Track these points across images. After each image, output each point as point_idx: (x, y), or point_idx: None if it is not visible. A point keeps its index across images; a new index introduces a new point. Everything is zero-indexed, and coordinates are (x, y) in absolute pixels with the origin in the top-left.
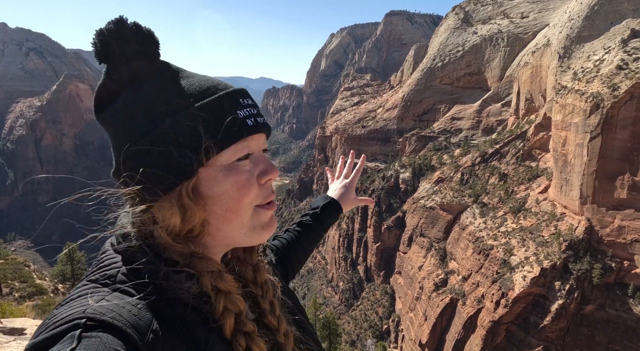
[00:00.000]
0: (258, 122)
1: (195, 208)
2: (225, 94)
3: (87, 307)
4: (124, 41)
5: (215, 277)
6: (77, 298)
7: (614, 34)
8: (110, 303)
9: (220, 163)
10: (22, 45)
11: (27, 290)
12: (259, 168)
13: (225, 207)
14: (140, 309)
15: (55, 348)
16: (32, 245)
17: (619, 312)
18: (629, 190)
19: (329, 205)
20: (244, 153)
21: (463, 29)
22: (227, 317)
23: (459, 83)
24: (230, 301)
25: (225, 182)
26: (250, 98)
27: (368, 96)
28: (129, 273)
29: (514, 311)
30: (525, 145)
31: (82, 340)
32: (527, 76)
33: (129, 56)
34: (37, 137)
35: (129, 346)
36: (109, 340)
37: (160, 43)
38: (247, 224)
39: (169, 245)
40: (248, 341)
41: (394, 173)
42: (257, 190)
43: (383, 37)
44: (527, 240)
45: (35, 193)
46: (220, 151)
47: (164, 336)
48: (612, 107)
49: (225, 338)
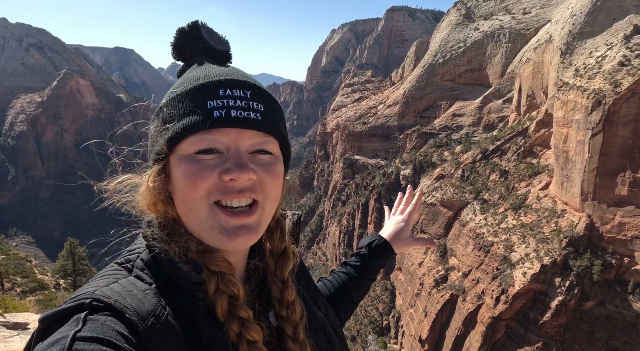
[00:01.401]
0: (230, 116)
1: (149, 191)
2: (205, 83)
3: (97, 289)
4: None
5: (206, 257)
6: (99, 278)
7: (616, 30)
8: (120, 287)
9: (181, 153)
10: (22, 40)
11: (29, 286)
12: (224, 166)
13: (178, 197)
14: (146, 294)
15: (62, 329)
16: (33, 241)
17: (618, 309)
18: (630, 187)
19: (377, 245)
20: (202, 147)
21: (465, 24)
22: (219, 299)
23: (460, 79)
24: (224, 283)
25: (177, 171)
26: (246, 89)
27: (369, 92)
28: (148, 259)
29: (514, 308)
30: (526, 141)
31: (87, 323)
32: (528, 72)
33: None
34: (38, 132)
35: (130, 328)
36: (111, 322)
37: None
38: (204, 222)
39: (161, 227)
40: (241, 327)
41: (394, 169)
42: (211, 185)
43: (384, 33)
44: (527, 237)
45: (37, 189)
46: (181, 140)
47: (166, 322)
48: (613, 104)
49: (221, 324)
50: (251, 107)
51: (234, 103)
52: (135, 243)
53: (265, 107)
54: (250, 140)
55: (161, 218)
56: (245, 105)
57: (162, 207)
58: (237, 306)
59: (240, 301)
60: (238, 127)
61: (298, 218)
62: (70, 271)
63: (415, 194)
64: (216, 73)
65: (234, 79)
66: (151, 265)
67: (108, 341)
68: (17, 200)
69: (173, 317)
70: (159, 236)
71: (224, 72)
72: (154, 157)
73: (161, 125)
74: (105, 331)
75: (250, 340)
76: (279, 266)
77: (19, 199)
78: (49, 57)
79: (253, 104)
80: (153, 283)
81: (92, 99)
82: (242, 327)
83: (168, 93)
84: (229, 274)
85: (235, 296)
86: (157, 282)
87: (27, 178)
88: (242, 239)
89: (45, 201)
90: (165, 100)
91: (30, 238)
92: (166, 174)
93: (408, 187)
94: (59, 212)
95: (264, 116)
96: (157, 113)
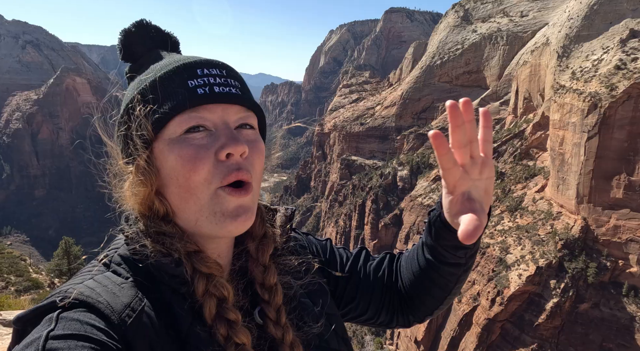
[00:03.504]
0: (214, 91)
1: (138, 182)
2: (181, 65)
3: (70, 287)
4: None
5: (195, 259)
6: (76, 276)
7: (612, 34)
8: (95, 282)
9: (168, 137)
10: (18, 38)
11: (23, 285)
12: (218, 142)
13: (177, 184)
14: (122, 288)
15: (36, 330)
16: (28, 239)
17: (613, 311)
18: (625, 189)
19: (432, 221)
20: (190, 124)
21: (463, 27)
22: (208, 301)
23: (457, 81)
24: (213, 285)
25: (170, 156)
26: (220, 68)
27: (367, 93)
28: (125, 254)
29: (509, 309)
30: (522, 144)
31: (59, 321)
32: (525, 75)
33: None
34: (34, 130)
35: (105, 322)
36: (84, 317)
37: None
38: (206, 207)
39: (144, 225)
40: (229, 330)
41: (391, 171)
42: (211, 167)
43: (382, 34)
44: (523, 239)
45: (32, 187)
46: (166, 124)
47: (142, 314)
48: (609, 107)
49: (206, 325)
50: (230, 83)
51: (215, 81)
52: (116, 239)
53: (241, 84)
54: (235, 116)
55: (150, 216)
56: (224, 82)
57: (154, 202)
58: (226, 308)
59: (229, 303)
60: (223, 103)
61: (292, 212)
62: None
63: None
64: (185, 57)
65: (207, 59)
66: (129, 260)
67: (84, 336)
68: (12, 198)
69: (152, 309)
70: (137, 230)
71: (191, 56)
72: (139, 145)
73: (140, 112)
74: (79, 327)
75: (238, 342)
76: (259, 250)
77: (14, 197)
78: (45, 55)
79: (231, 81)
80: (130, 277)
81: (88, 97)
82: (230, 330)
83: (135, 84)
84: (218, 276)
85: (225, 298)
86: (135, 276)
87: (22, 177)
88: (243, 219)
89: (40, 199)
90: (137, 90)
91: (24, 237)
92: (153, 164)
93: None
94: (54, 210)
95: (242, 92)
96: (127, 103)
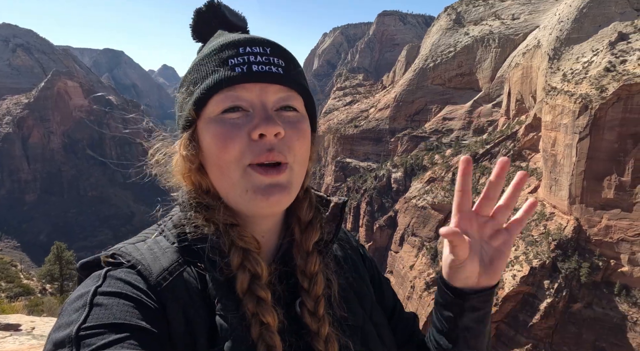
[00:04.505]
0: (252, 70)
1: (182, 160)
2: (225, 44)
3: (124, 246)
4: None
5: (232, 232)
6: (138, 236)
7: (601, 37)
8: (145, 245)
9: (207, 116)
10: (9, 41)
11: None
12: (252, 123)
13: (211, 162)
14: (165, 252)
15: (85, 284)
16: (18, 245)
17: (605, 310)
18: (616, 190)
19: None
20: (227, 105)
21: (455, 29)
22: (241, 275)
23: (450, 83)
24: (248, 260)
25: (207, 135)
26: (264, 46)
27: (360, 96)
28: (177, 222)
29: (504, 310)
30: (515, 145)
31: (106, 278)
32: (517, 77)
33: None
34: (24, 134)
35: (145, 282)
36: (128, 276)
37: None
38: (238, 185)
39: (189, 197)
40: (257, 307)
41: (386, 172)
42: (242, 146)
43: (375, 37)
44: (516, 240)
45: (22, 192)
46: (206, 103)
47: (179, 278)
48: (600, 109)
49: (237, 298)
50: (272, 62)
51: (255, 59)
52: (174, 209)
53: (287, 62)
54: (274, 96)
55: (194, 190)
56: (265, 60)
57: (196, 177)
58: (258, 285)
59: (262, 281)
60: (261, 82)
61: (344, 202)
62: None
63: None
64: (235, 35)
65: (253, 37)
66: (178, 227)
67: (124, 295)
68: (3, 203)
69: (190, 275)
70: (188, 203)
71: (242, 34)
72: (182, 124)
73: (186, 91)
74: (122, 285)
75: (263, 321)
76: (304, 237)
77: (4, 202)
78: (36, 58)
79: (274, 59)
80: (175, 242)
81: (80, 101)
82: (257, 307)
83: (191, 64)
84: (254, 252)
85: (258, 275)
86: (181, 242)
87: (13, 181)
88: (276, 197)
89: (31, 204)
90: (189, 68)
91: (15, 242)
92: (196, 142)
93: (504, 162)
94: (46, 215)
95: (285, 71)
96: (182, 82)
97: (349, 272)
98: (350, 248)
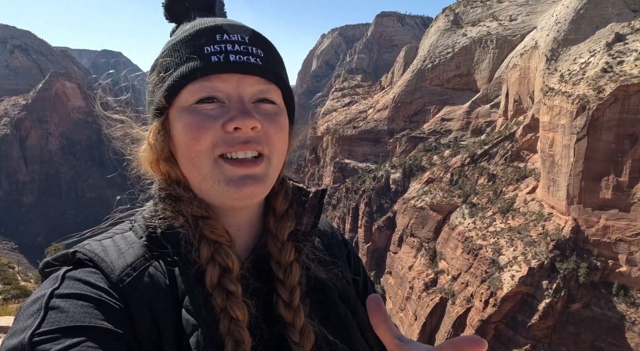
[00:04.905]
0: (229, 60)
1: (150, 148)
2: (201, 29)
3: (89, 243)
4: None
5: (202, 224)
6: (107, 232)
7: (599, 38)
8: (111, 241)
9: (180, 105)
10: (6, 42)
11: (11, 292)
12: (227, 115)
13: (182, 152)
14: (131, 247)
15: (43, 286)
16: (16, 247)
17: (603, 310)
18: (614, 190)
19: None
20: (202, 95)
21: (453, 30)
22: (211, 268)
23: (448, 84)
24: (218, 253)
25: (178, 124)
26: (243, 33)
27: (359, 97)
28: (147, 216)
29: (503, 311)
30: (513, 146)
31: (64, 280)
32: (515, 78)
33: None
34: (22, 136)
35: (105, 279)
36: (88, 276)
37: None
38: (209, 176)
39: (159, 188)
40: (227, 302)
41: (384, 173)
42: (215, 137)
43: (374, 38)
44: (515, 240)
45: (20, 194)
46: (179, 91)
47: (143, 273)
48: (597, 109)
49: (207, 292)
50: (251, 52)
51: (232, 48)
52: (147, 203)
53: (266, 52)
54: (252, 88)
55: (163, 180)
56: (244, 49)
57: (165, 167)
58: (228, 279)
59: (233, 275)
60: (238, 73)
61: (322, 192)
62: None
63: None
64: (211, 20)
65: (231, 23)
66: (149, 220)
67: (83, 296)
68: (0, 205)
69: (158, 270)
70: (157, 195)
71: (219, 19)
72: (153, 112)
73: (157, 77)
74: (80, 286)
75: (232, 316)
76: (278, 227)
77: (2, 204)
78: (34, 60)
79: (252, 49)
80: (144, 236)
81: (78, 102)
82: (227, 301)
83: (163, 46)
84: (225, 245)
85: (229, 268)
86: (149, 236)
87: (11, 183)
88: (250, 189)
89: (29, 206)
90: (162, 51)
91: (13, 244)
92: (166, 130)
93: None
94: (44, 216)
95: (264, 62)
96: (153, 66)
97: (330, 266)
98: (336, 243)
